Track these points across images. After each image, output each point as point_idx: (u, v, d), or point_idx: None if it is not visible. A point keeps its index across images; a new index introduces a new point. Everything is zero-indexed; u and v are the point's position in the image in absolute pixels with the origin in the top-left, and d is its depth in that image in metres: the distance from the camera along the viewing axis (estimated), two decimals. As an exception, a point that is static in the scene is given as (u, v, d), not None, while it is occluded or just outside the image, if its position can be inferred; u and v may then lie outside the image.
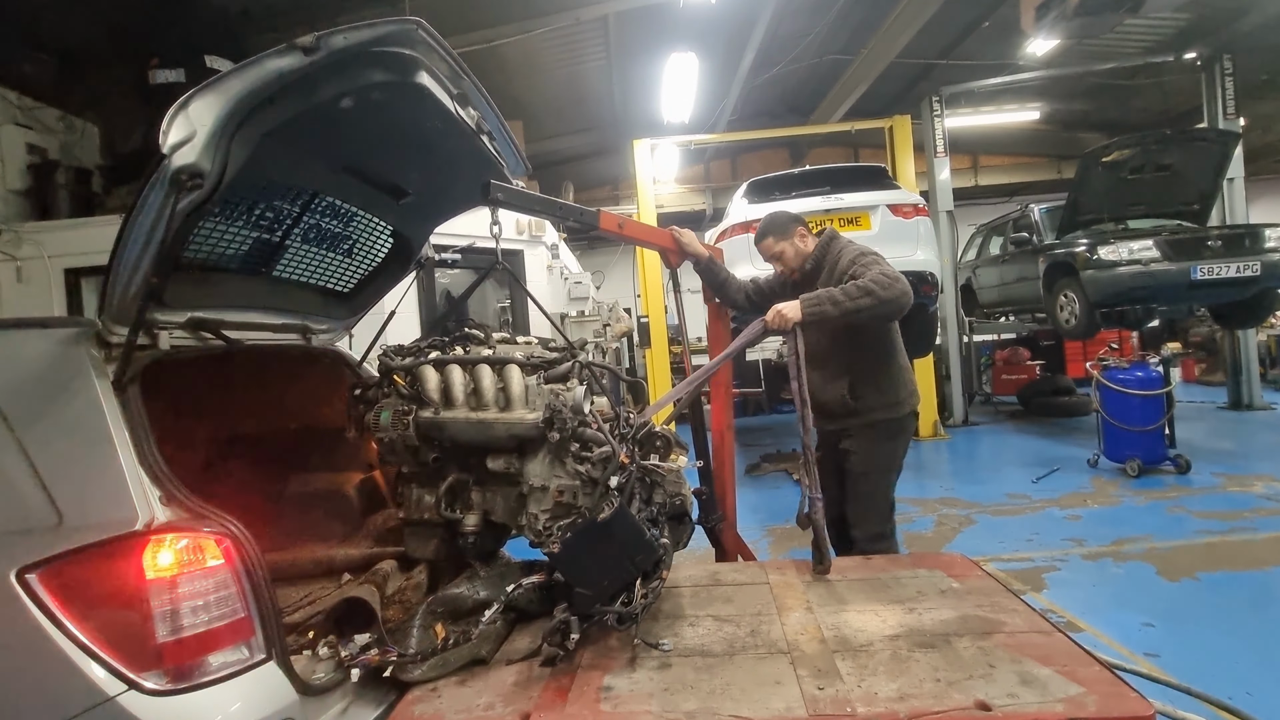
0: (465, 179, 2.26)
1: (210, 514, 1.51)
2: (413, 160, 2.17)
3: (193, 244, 1.93)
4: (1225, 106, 9.02)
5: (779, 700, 1.51)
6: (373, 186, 2.26)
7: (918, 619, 1.87)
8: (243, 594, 1.47)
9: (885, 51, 9.10)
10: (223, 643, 1.44)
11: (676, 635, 1.86)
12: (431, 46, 1.67)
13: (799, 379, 2.46)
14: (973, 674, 1.55)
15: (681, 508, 2.07)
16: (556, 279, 7.15)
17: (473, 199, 2.48)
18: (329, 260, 2.53)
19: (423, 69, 1.69)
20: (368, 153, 2.07)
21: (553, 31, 7.92)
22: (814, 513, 2.35)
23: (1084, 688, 1.46)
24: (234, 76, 1.44)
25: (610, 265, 14.65)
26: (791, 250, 2.96)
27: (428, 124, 1.85)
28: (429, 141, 1.99)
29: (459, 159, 2.11)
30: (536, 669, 1.74)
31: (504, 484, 2.08)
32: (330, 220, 2.34)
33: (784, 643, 1.78)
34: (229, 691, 1.41)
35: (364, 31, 1.52)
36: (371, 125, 1.84)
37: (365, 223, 2.48)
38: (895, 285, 2.51)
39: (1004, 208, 10.87)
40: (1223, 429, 8.35)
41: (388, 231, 2.58)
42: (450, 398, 2.04)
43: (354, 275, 2.67)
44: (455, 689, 1.69)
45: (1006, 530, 4.97)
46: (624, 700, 1.55)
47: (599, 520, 1.73)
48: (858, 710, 1.44)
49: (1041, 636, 1.73)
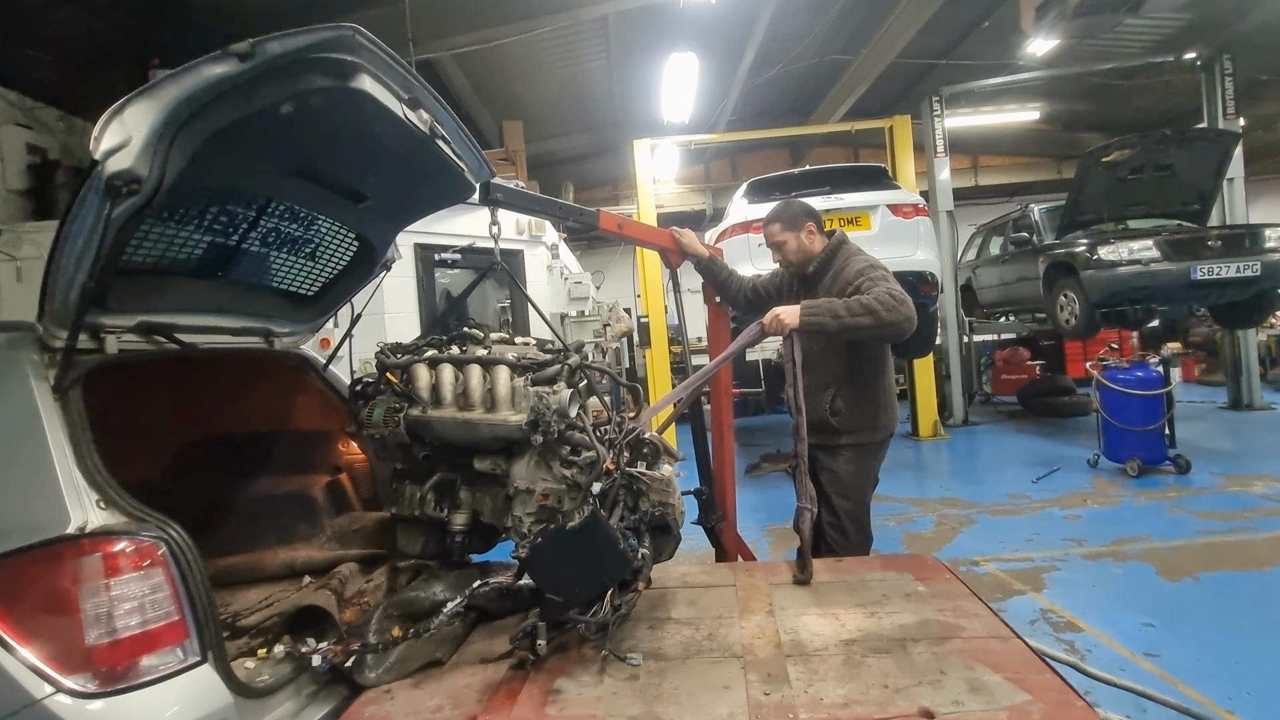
0: (425, 183, 2.27)
1: (149, 518, 1.52)
2: (367, 165, 2.17)
3: (141, 248, 1.93)
4: (1225, 106, 9.01)
5: (723, 705, 1.51)
6: (329, 190, 2.26)
7: (877, 623, 1.87)
8: (177, 597, 1.48)
9: (885, 51, 9.11)
10: (155, 645, 1.45)
11: (635, 638, 1.85)
12: (374, 52, 1.67)
13: (794, 386, 2.42)
14: (922, 680, 1.55)
15: (665, 518, 1.99)
16: (556, 279, 7.15)
17: (437, 203, 2.49)
18: (290, 264, 2.52)
19: (365, 74, 1.68)
20: (320, 157, 2.07)
21: (553, 31, 7.92)
22: (801, 522, 2.33)
23: (1031, 695, 1.45)
24: (170, 82, 1.45)
25: (610, 265, 14.65)
26: (795, 244, 2.85)
27: (377, 129, 1.85)
28: (382, 146, 1.99)
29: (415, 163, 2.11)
30: (490, 672, 1.74)
31: (492, 485, 2.08)
32: (290, 224, 2.34)
33: (739, 646, 1.78)
34: (160, 694, 1.42)
35: (300, 38, 1.53)
36: (319, 130, 1.85)
37: (326, 226, 2.47)
38: (899, 309, 2.41)
39: (1004, 208, 10.87)
40: (1223, 429, 8.35)
41: (351, 235, 2.57)
42: (439, 397, 2.05)
43: (318, 278, 2.66)
44: (408, 691, 1.70)
45: (1006, 530, 4.97)
46: (570, 704, 1.56)
47: (570, 527, 1.70)
48: (800, 716, 1.44)
49: (998, 643, 1.72)
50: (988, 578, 4.05)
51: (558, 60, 9.54)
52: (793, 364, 2.44)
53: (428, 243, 5.59)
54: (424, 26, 6.75)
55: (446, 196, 2.40)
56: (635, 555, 1.82)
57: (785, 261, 2.93)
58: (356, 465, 2.76)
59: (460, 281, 5.90)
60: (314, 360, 2.76)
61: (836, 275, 2.76)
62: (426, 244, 5.58)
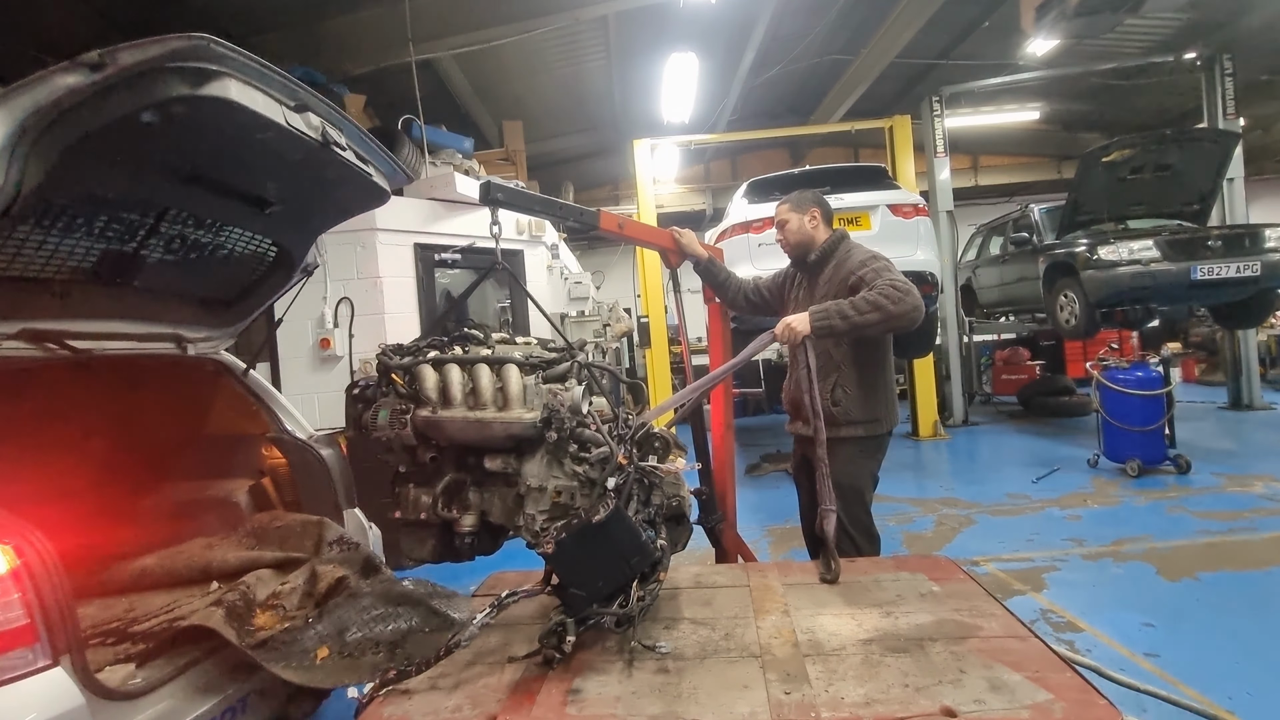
0: (332, 190, 2.26)
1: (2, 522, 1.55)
2: (262, 172, 2.16)
3: (21, 256, 1.92)
4: (1225, 106, 9.01)
5: (744, 704, 1.50)
6: (228, 198, 2.24)
7: (894, 623, 1.87)
8: (27, 601, 1.52)
9: (885, 51, 9.11)
10: (2, 648, 1.49)
11: (651, 638, 1.86)
12: (239, 60, 1.67)
13: (810, 392, 2.45)
14: (942, 679, 1.55)
15: (679, 509, 2.05)
16: (556, 279, 7.15)
17: (351, 209, 2.49)
18: (200, 270, 2.50)
19: (230, 81, 1.68)
20: (210, 166, 2.06)
21: (553, 31, 7.91)
22: (825, 523, 2.36)
23: (1053, 694, 1.45)
24: (20, 92, 1.45)
25: (610, 265, 14.65)
26: (796, 224, 2.89)
27: (261, 137, 1.84)
28: (274, 154, 1.98)
29: (314, 171, 2.10)
30: (509, 671, 1.74)
31: (501, 484, 2.08)
32: (196, 231, 2.33)
33: (756, 646, 1.78)
34: (6, 694, 1.47)
35: (153, 48, 1.54)
36: (202, 139, 1.85)
37: (235, 233, 2.46)
38: (906, 299, 2.44)
39: (1004, 208, 10.87)
40: (1223, 429, 8.35)
41: (266, 241, 2.56)
42: (448, 397, 2.04)
43: (234, 284, 2.65)
44: (426, 690, 1.69)
45: (1006, 530, 4.97)
46: (590, 704, 1.56)
47: (595, 521, 1.72)
48: (822, 715, 1.44)
49: (1016, 642, 1.72)
50: (988, 578, 4.05)
51: (558, 60, 9.54)
52: (808, 370, 2.46)
53: (427, 243, 5.59)
54: (424, 26, 6.74)
55: (359, 202, 2.40)
56: (655, 546, 1.84)
57: (785, 242, 2.96)
58: (280, 470, 2.74)
59: (460, 282, 5.90)
60: (233, 365, 2.75)
61: (839, 265, 2.79)
62: (426, 244, 5.58)
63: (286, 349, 5.19)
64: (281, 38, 6.61)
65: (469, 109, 9.56)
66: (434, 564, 2.21)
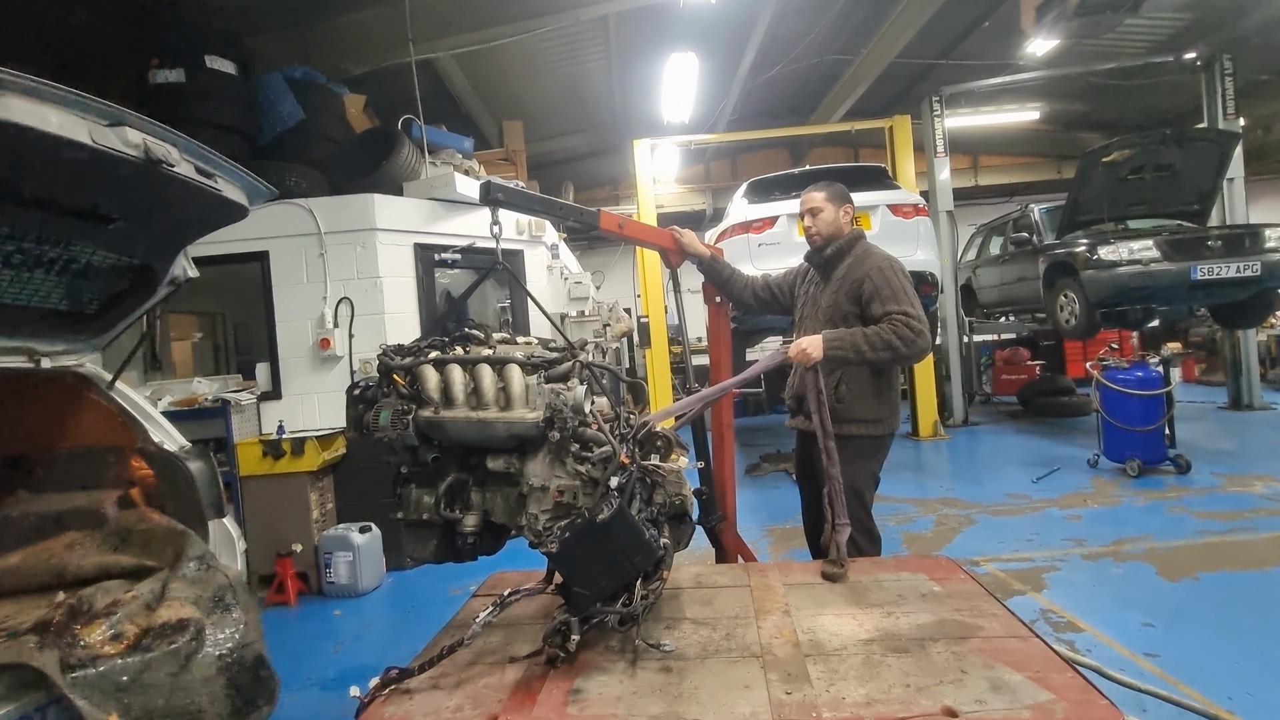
0: (178, 206, 2.22)
1: None
2: (88, 190, 2.11)
3: None
4: (1225, 106, 9.01)
5: (745, 705, 1.51)
6: (62, 215, 2.20)
7: (895, 623, 1.87)
8: None
9: (885, 51, 9.11)
10: None
11: (652, 638, 1.86)
12: (27, 83, 1.64)
13: (820, 412, 2.47)
14: (943, 680, 1.55)
15: (682, 508, 2.06)
16: (556, 279, 7.16)
17: (207, 224, 2.46)
18: (48, 284, 2.46)
19: (10, 100, 1.64)
20: (19, 185, 1.99)
21: (553, 31, 7.91)
22: (837, 534, 2.39)
23: (1054, 694, 1.46)
24: None
25: (610, 265, 14.64)
26: (831, 215, 2.92)
27: (68, 155, 1.81)
28: (91, 172, 1.94)
29: (150, 188, 2.06)
30: (510, 671, 1.74)
31: (504, 484, 2.08)
32: (36, 246, 2.28)
33: (757, 646, 1.78)
34: None
35: None
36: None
37: (88, 248, 2.41)
38: (917, 342, 2.58)
39: (1004, 208, 10.88)
40: (1223, 429, 8.35)
41: (121, 256, 2.52)
42: (450, 397, 2.04)
43: (91, 297, 2.62)
44: (428, 690, 1.69)
45: (1006, 530, 4.97)
46: (591, 704, 1.56)
47: (598, 520, 1.72)
48: (823, 715, 1.44)
49: (1018, 642, 1.72)
50: (988, 578, 4.05)
51: (558, 60, 9.53)
52: (818, 393, 2.50)
53: (428, 243, 5.59)
54: (424, 26, 6.74)
55: (215, 217, 2.38)
56: (658, 545, 1.85)
57: (813, 230, 2.95)
58: (148, 481, 2.71)
59: (460, 282, 5.90)
60: (96, 377, 2.71)
61: (854, 265, 2.84)
62: (426, 244, 5.58)
63: (286, 349, 5.19)
64: (281, 37, 6.63)
65: (469, 109, 9.56)
66: (436, 564, 2.21)
